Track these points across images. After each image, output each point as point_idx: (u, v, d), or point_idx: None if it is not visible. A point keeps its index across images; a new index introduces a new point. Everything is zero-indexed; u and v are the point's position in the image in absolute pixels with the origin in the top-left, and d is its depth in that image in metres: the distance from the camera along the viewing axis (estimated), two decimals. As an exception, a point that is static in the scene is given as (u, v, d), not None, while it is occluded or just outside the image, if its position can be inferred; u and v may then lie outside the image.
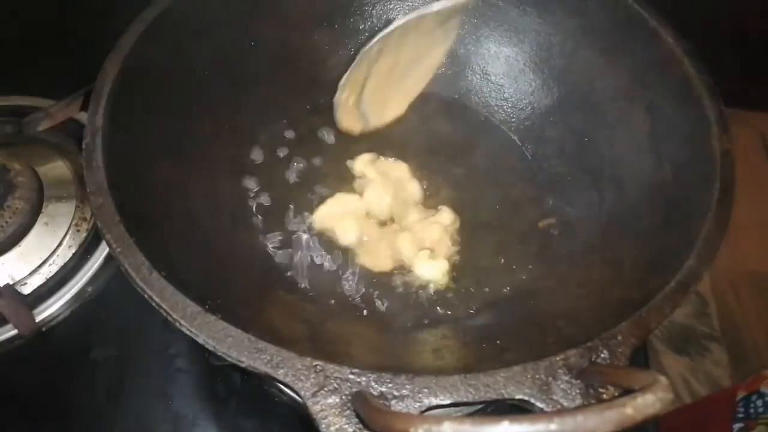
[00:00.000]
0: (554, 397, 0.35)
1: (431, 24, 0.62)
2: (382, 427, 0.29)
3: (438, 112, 0.74)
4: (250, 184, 0.66)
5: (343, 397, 0.34)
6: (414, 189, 0.66)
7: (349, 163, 0.68)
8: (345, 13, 0.76)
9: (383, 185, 0.64)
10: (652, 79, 0.59)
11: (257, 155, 0.68)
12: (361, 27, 0.77)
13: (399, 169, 0.67)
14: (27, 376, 0.63)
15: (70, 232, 0.69)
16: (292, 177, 0.67)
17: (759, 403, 0.97)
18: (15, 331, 0.63)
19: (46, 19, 0.91)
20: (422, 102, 0.75)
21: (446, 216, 0.62)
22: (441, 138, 0.71)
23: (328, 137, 0.71)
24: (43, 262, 0.67)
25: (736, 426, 0.99)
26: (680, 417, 1.19)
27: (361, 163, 0.67)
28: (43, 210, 0.70)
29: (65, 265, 0.67)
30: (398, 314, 0.57)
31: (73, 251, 0.68)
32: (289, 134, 0.71)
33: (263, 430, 0.61)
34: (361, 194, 0.65)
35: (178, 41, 0.58)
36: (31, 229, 0.68)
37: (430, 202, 0.66)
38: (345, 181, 0.67)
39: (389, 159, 0.68)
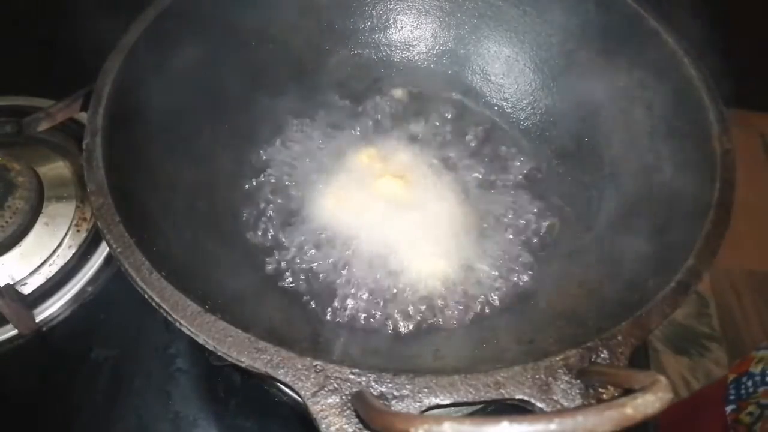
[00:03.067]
0: (554, 397, 0.35)
1: None
2: (382, 427, 0.29)
3: (438, 111, 0.74)
4: (250, 183, 0.66)
5: (344, 397, 0.34)
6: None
7: (352, 158, 0.68)
8: (345, 13, 0.76)
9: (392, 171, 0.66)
10: (652, 79, 0.59)
11: (257, 155, 0.68)
12: (361, 27, 0.77)
13: (403, 155, 0.68)
14: (27, 376, 0.63)
15: (70, 232, 0.69)
16: (292, 177, 0.67)
17: (749, 383, 0.97)
18: (15, 331, 0.63)
19: (46, 20, 0.91)
20: (424, 102, 0.75)
21: None
22: (440, 138, 0.71)
23: (328, 137, 0.71)
24: (43, 263, 0.67)
25: (729, 408, 0.99)
26: (674, 409, 1.19)
27: (366, 157, 0.68)
28: (43, 210, 0.70)
29: (65, 265, 0.67)
30: (398, 315, 0.57)
31: (73, 251, 0.68)
32: (289, 134, 0.71)
33: (263, 430, 0.61)
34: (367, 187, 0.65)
35: (177, 41, 0.58)
36: (31, 229, 0.68)
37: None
38: (345, 180, 0.67)
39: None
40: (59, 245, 0.68)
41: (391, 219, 0.63)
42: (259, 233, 0.62)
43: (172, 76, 0.58)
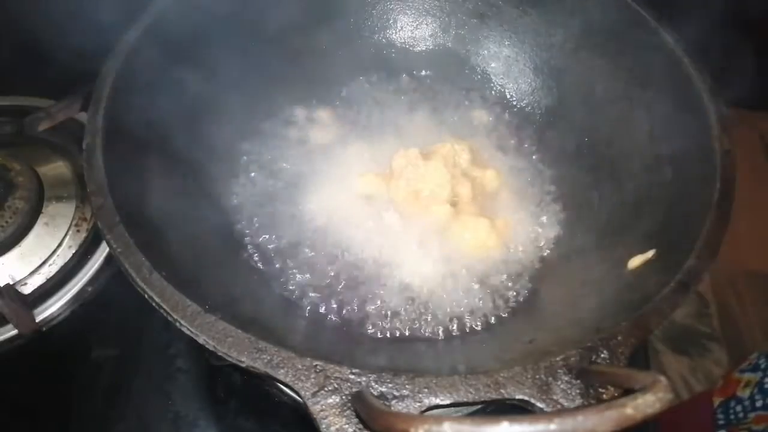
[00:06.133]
0: (554, 397, 0.35)
1: None
2: (382, 427, 0.29)
3: (437, 111, 0.74)
4: (246, 183, 0.66)
5: (344, 397, 0.34)
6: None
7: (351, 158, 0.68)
8: (345, 13, 0.76)
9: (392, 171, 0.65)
10: (652, 79, 0.59)
11: (256, 155, 0.68)
12: (361, 27, 0.77)
13: (400, 155, 0.67)
14: (27, 376, 0.63)
15: (70, 232, 0.69)
16: (288, 175, 0.67)
17: (738, 408, 0.97)
18: (15, 331, 0.63)
19: (46, 20, 0.90)
20: (422, 102, 0.75)
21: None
22: (439, 137, 0.71)
23: (325, 137, 0.71)
24: (43, 263, 0.67)
25: None
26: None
27: (359, 155, 0.68)
28: (43, 210, 0.70)
29: (65, 265, 0.67)
30: (398, 315, 0.57)
31: (73, 251, 0.68)
32: (288, 134, 0.71)
33: (263, 430, 0.61)
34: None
35: (178, 42, 0.58)
36: (31, 229, 0.68)
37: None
38: (341, 180, 0.66)
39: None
40: (59, 245, 0.68)
41: (391, 222, 0.63)
42: (255, 233, 0.62)
43: (172, 76, 0.58)
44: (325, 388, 0.34)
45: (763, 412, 0.93)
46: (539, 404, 0.35)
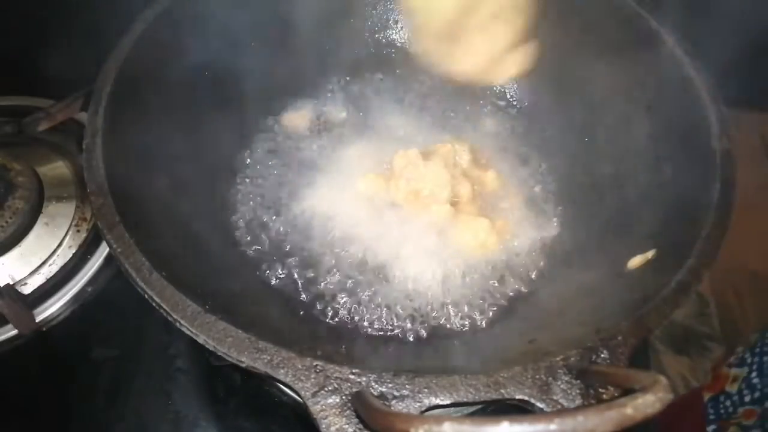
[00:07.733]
0: (554, 398, 0.35)
1: None
2: (382, 427, 0.29)
3: (436, 111, 0.74)
4: (249, 183, 0.66)
5: (344, 397, 0.34)
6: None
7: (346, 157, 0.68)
8: (345, 14, 0.76)
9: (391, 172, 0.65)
10: (652, 79, 0.59)
11: (257, 155, 0.68)
12: (361, 27, 0.77)
13: (399, 155, 0.66)
14: (27, 376, 0.63)
15: (70, 232, 0.69)
16: (286, 174, 0.67)
17: (728, 403, 0.98)
18: (15, 331, 0.63)
19: (46, 20, 0.91)
20: (422, 102, 0.75)
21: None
22: (441, 138, 0.71)
23: (325, 137, 0.71)
24: (43, 263, 0.67)
25: (710, 428, 0.99)
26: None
27: (359, 158, 0.68)
28: (43, 210, 0.70)
29: (65, 265, 0.67)
30: (397, 315, 0.57)
31: (73, 251, 0.68)
32: (288, 135, 0.71)
33: (263, 430, 0.61)
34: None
35: (177, 42, 0.58)
36: (31, 229, 0.68)
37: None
38: (341, 179, 0.67)
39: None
40: (59, 245, 0.68)
41: (391, 222, 0.63)
42: (256, 234, 0.62)
43: (172, 76, 0.58)
44: (325, 388, 0.34)
45: (752, 407, 0.93)
46: (539, 404, 0.35)
